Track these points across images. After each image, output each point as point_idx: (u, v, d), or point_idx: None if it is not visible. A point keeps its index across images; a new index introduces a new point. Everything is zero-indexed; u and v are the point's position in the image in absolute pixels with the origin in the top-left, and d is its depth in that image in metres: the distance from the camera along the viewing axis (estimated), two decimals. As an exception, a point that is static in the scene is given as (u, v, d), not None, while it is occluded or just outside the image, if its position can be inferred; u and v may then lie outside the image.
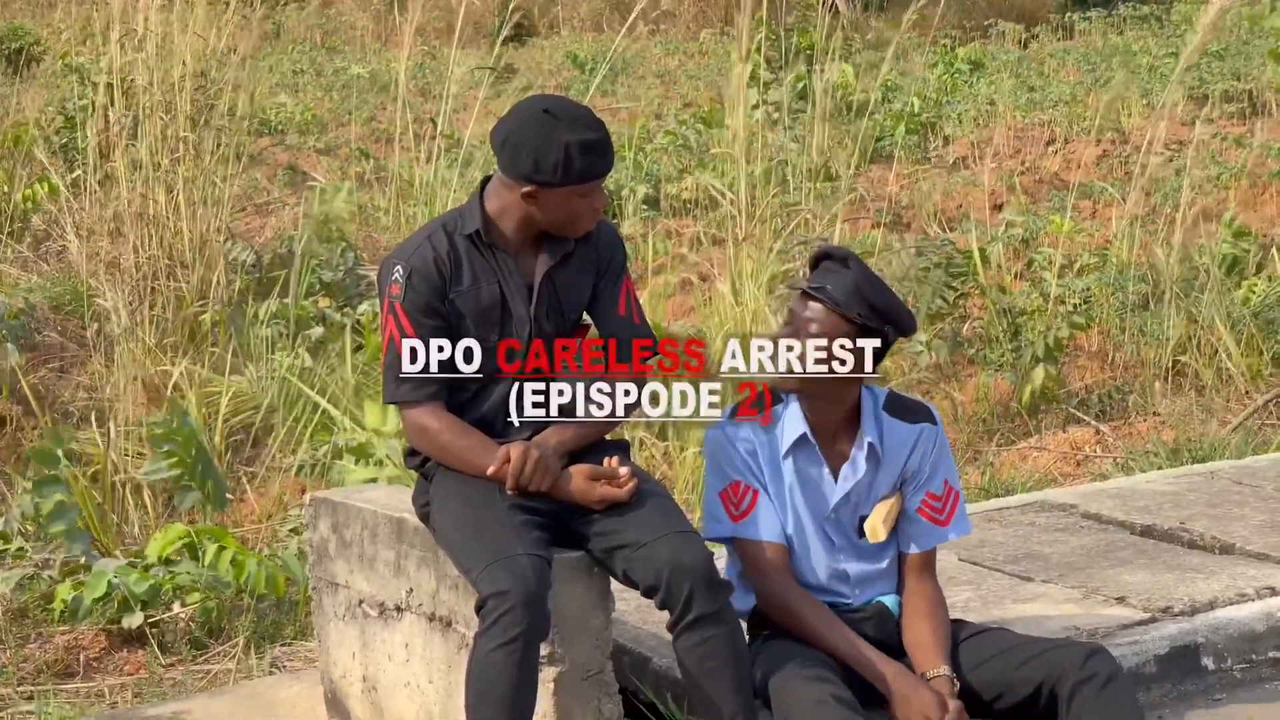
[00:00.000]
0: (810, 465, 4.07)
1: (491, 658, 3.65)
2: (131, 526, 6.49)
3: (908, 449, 4.09)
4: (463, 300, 3.98)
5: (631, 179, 10.87)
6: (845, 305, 3.92)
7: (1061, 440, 7.66)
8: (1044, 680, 3.85)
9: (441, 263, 3.98)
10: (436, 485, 4.03)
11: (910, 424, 4.11)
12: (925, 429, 4.12)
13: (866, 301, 3.93)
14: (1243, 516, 5.77)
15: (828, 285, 3.94)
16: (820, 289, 3.94)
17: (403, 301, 3.97)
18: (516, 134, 3.93)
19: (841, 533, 4.10)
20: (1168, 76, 13.88)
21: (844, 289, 3.93)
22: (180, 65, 8.80)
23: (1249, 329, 8.39)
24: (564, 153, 3.87)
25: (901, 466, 4.10)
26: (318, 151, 13.02)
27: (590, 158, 3.90)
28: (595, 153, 3.91)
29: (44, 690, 5.14)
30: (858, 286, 3.93)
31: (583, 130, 3.90)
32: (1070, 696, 3.80)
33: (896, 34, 9.92)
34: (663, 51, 18.79)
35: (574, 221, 3.99)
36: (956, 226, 10.47)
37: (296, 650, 5.43)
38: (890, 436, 4.08)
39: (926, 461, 4.11)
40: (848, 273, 3.95)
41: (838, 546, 4.11)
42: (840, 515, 4.09)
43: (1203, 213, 9.55)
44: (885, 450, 4.07)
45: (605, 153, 3.95)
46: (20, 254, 9.52)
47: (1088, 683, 3.79)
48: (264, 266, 9.03)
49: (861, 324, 3.93)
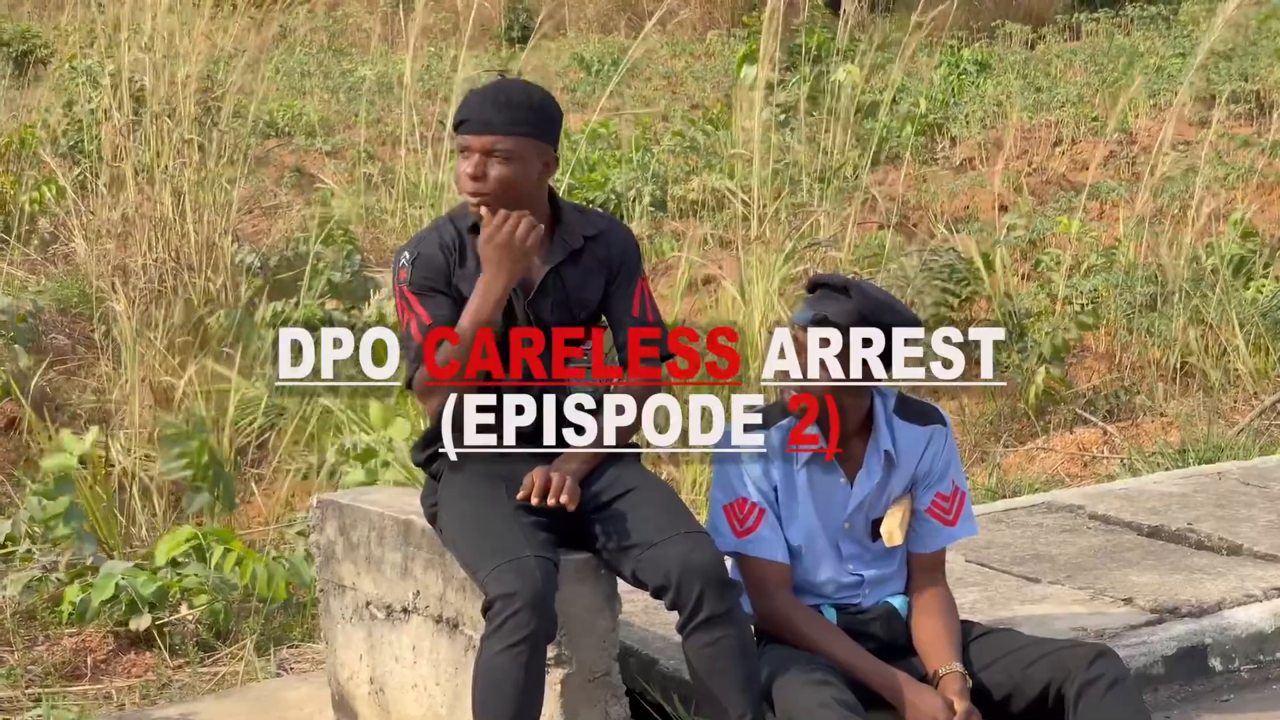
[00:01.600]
0: (825, 474, 4.06)
1: (498, 659, 3.64)
2: (139, 529, 6.50)
3: (920, 451, 4.10)
4: (466, 284, 3.97)
5: (638, 180, 10.88)
6: (850, 332, 3.92)
7: (1069, 441, 7.65)
8: (1051, 681, 3.85)
9: (447, 248, 4.00)
10: (444, 486, 4.02)
11: (921, 426, 4.11)
12: (936, 430, 4.13)
13: (871, 326, 3.92)
14: (1250, 517, 5.77)
15: (828, 314, 3.92)
16: (822, 319, 3.92)
17: (409, 284, 3.98)
18: (548, 111, 4.02)
19: (855, 539, 4.10)
20: (1175, 77, 13.89)
21: (846, 315, 3.91)
22: (186, 67, 8.81)
23: (1257, 329, 8.38)
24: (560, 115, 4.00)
25: (914, 469, 4.10)
26: (325, 154, 13.04)
27: (463, 107, 3.96)
28: (467, 103, 3.95)
29: (52, 692, 5.14)
30: (860, 314, 3.91)
31: (485, 89, 3.97)
32: (1077, 698, 3.80)
33: (904, 35, 9.91)
34: (669, 52, 18.78)
35: (458, 184, 4.00)
36: (964, 227, 10.47)
37: (304, 652, 5.43)
38: (902, 440, 4.08)
39: (938, 462, 4.12)
40: (848, 301, 3.92)
41: (852, 553, 4.10)
42: (854, 522, 4.10)
43: (1211, 213, 9.54)
44: (899, 454, 4.08)
45: (474, 103, 3.94)
46: (28, 256, 9.53)
47: (1094, 684, 3.79)
48: (271, 269, 9.04)
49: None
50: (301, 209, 10.76)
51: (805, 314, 3.98)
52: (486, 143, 3.90)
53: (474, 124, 3.91)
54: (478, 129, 3.91)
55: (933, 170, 12.09)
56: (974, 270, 8.60)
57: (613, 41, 19.76)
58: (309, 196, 10.94)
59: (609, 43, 19.66)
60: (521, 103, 3.94)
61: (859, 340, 3.91)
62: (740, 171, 10.05)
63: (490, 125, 3.90)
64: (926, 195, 11.33)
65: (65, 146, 10.55)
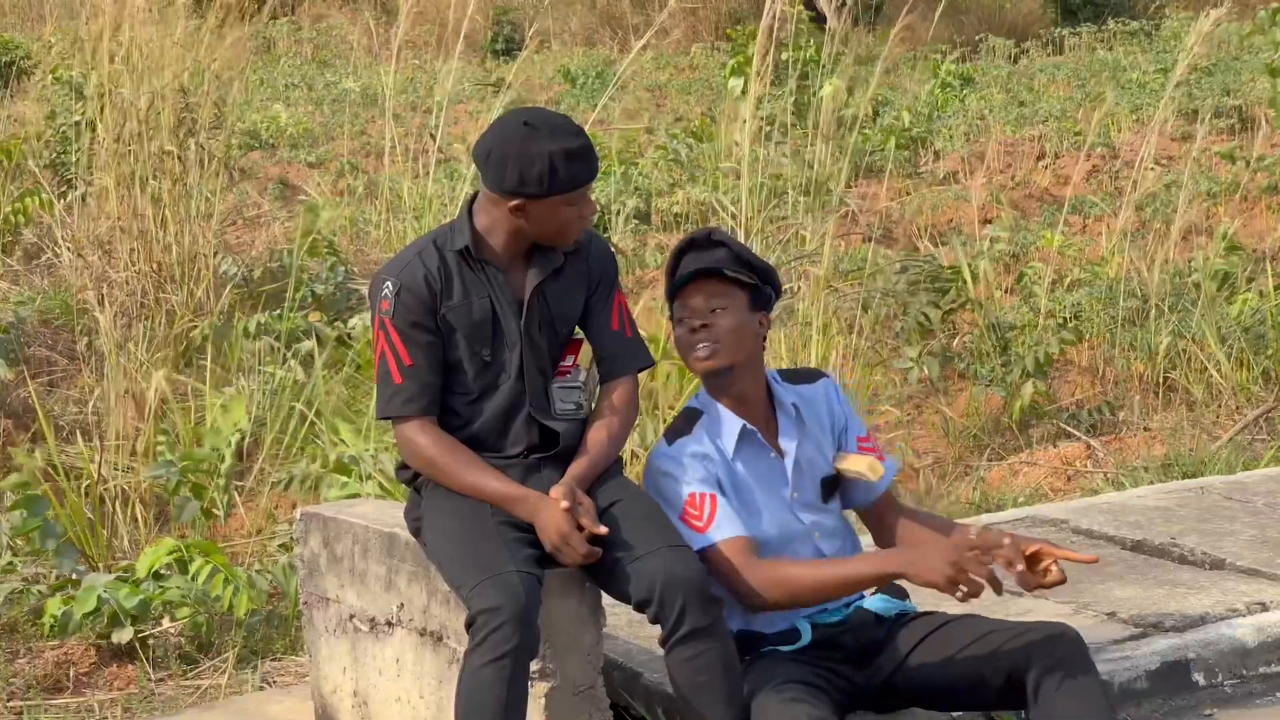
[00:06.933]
0: (758, 456, 4.12)
1: (481, 674, 3.64)
2: (121, 541, 6.47)
3: (823, 403, 4.22)
4: (454, 315, 3.98)
5: (621, 193, 10.89)
6: (737, 272, 4.07)
7: (1052, 455, 7.66)
8: (1013, 669, 3.85)
9: (432, 278, 3.98)
10: (428, 500, 4.02)
11: (811, 384, 4.25)
12: (826, 382, 4.28)
13: (751, 266, 4.11)
14: (1233, 532, 5.78)
15: (709, 263, 4.07)
16: (707, 268, 4.06)
17: (393, 317, 3.97)
18: (499, 149, 3.93)
19: (809, 507, 4.14)
20: (1157, 92, 13.94)
21: (725, 260, 4.08)
22: (164, 78, 8.79)
23: (1239, 344, 8.40)
24: (548, 163, 3.88)
25: (829, 421, 4.21)
26: (308, 165, 13.03)
27: (574, 165, 3.91)
28: (579, 160, 3.92)
29: (33, 705, 5.12)
30: (737, 255, 4.10)
31: (564, 138, 3.90)
32: (1036, 686, 3.79)
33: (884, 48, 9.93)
34: (654, 66, 18.82)
35: (564, 231, 4.00)
36: (947, 241, 10.50)
37: (287, 665, 5.42)
38: (802, 399, 4.19)
39: (844, 409, 4.25)
40: (723, 248, 4.10)
41: (810, 525, 4.13)
42: (801, 491, 4.14)
43: (1193, 227, 9.57)
44: (806, 412, 4.17)
45: (589, 159, 3.95)
46: (10, 268, 9.50)
47: (1053, 670, 3.78)
48: (254, 280, 9.03)
49: (753, 285, 4.09)
50: (285, 221, 10.75)
51: (688, 268, 4.11)
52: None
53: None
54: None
55: (915, 184, 12.11)
56: (958, 281, 8.61)
57: (597, 54, 19.80)
58: (292, 208, 10.93)
59: (593, 55, 19.70)
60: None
61: (745, 277, 4.09)
62: (724, 184, 10.06)
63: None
64: (909, 209, 11.35)
65: (49, 159, 10.53)
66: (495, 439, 4.02)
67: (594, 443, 4.01)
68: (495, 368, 4.02)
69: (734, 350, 4.07)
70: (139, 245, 8.53)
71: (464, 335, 3.99)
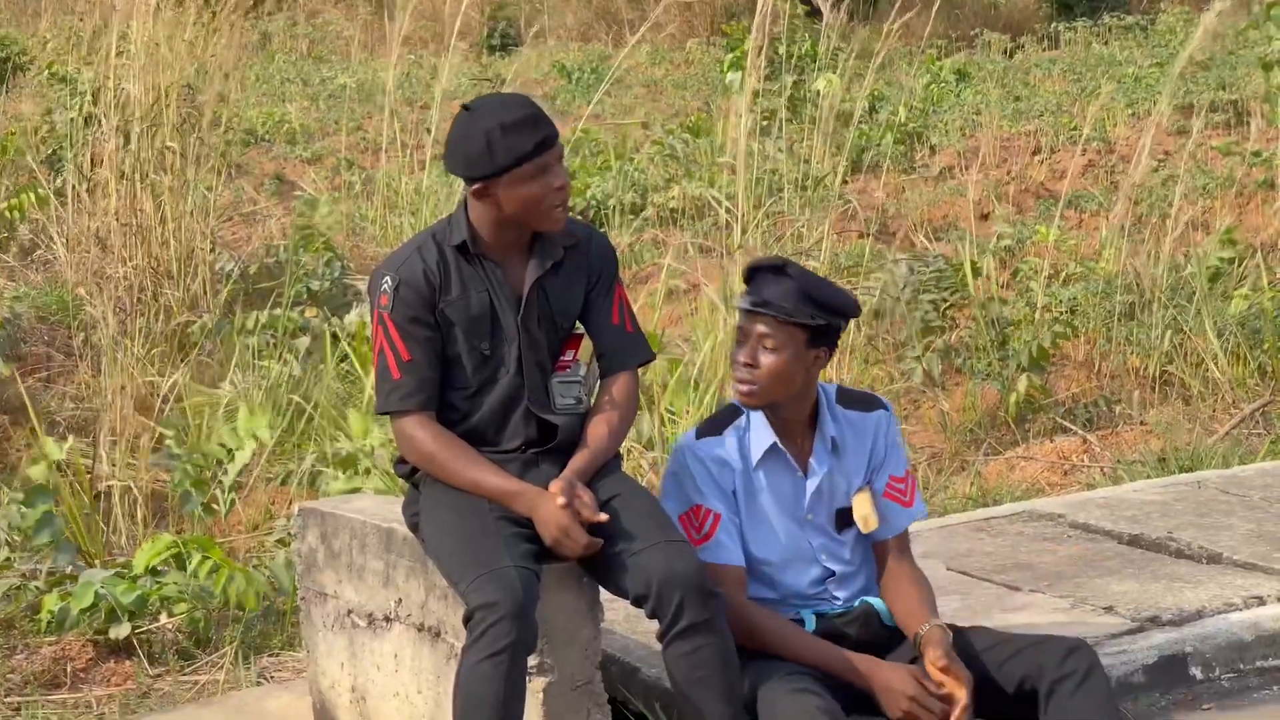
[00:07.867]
0: (781, 472, 4.10)
1: (478, 669, 3.64)
2: (119, 536, 6.46)
3: (870, 435, 4.16)
4: (452, 309, 3.98)
5: (618, 188, 10.88)
6: (794, 313, 3.97)
7: (1049, 449, 7.65)
8: (1024, 678, 3.86)
9: (430, 273, 3.98)
10: (426, 495, 4.02)
11: (866, 413, 4.18)
12: (882, 415, 4.20)
13: (815, 303, 3.99)
14: (1230, 526, 5.78)
15: (770, 298, 3.99)
16: (764, 303, 3.98)
17: (391, 312, 3.97)
18: (448, 138, 3.98)
19: (820, 530, 4.12)
20: (1153, 86, 13.94)
21: (788, 296, 3.97)
22: (167, 74, 8.78)
23: (1235, 338, 8.40)
24: (484, 140, 3.87)
25: (869, 454, 4.16)
26: (305, 161, 13.02)
27: (511, 137, 3.87)
28: (515, 131, 3.88)
29: (31, 701, 5.12)
30: (802, 291, 3.98)
31: (499, 113, 3.90)
32: (1048, 695, 3.81)
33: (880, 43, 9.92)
34: (649, 61, 18.81)
35: (537, 208, 3.94)
36: (943, 236, 10.49)
37: (285, 661, 5.42)
38: (851, 426, 4.14)
39: (888, 445, 4.18)
40: (788, 280, 3.99)
41: (821, 544, 4.11)
42: (816, 513, 4.12)
43: (1189, 222, 9.57)
44: (850, 440, 4.12)
45: (529, 128, 3.90)
46: (7, 264, 9.50)
47: (1064, 681, 3.80)
48: (251, 276, 9.02)
49: (814, 325, 3.98)
50: (281, 217, 10.74)
51: (745, 300, 4.05)
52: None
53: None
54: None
55: (911, 179, 12.11)
56: (962, 279, 8.61)
57: (593, 50, 19.78)
58: (289, 204, 10.92)
59: (589, 51, 19.69)
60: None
61: (803, 318, 3.97)
62: (721, 179, 10.05)
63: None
64: (906, 204, 11.35)
65: (45, 155, 10.52)
66: (493, 433, 4.02)
67: (594, 437, 4.01)
68: (494, 362, 4.01)
69: (773, 392, 4.02)
70: (136, 241, 8.53)
71: (462, 330, 3.99)
